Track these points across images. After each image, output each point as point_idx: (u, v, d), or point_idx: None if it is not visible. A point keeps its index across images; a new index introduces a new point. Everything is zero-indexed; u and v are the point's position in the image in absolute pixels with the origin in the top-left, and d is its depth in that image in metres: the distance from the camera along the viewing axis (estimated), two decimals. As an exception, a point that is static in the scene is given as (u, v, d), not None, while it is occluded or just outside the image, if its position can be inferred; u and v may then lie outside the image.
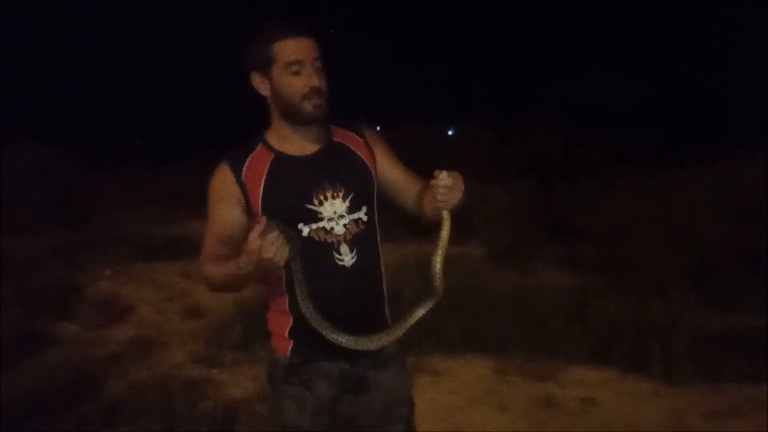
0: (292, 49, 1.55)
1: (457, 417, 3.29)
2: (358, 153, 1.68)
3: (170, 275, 6.09)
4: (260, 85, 1.61)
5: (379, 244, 1.70)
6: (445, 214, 1.55)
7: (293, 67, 1.55)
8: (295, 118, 1.60)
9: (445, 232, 1.55)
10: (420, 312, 1.56)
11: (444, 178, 1.50)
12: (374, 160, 1.70)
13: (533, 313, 4.18)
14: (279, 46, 1.55)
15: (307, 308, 1.53)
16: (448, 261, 1.54)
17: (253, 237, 1.42)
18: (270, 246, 1.42)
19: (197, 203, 2.16)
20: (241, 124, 1.69)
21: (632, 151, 9.12)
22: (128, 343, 4.41)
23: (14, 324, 4.27)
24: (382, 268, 1.71)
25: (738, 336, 3.85)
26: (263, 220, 1.45)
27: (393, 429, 1.73)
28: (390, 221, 1.59)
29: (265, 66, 1.58)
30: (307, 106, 1.57)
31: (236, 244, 1.61)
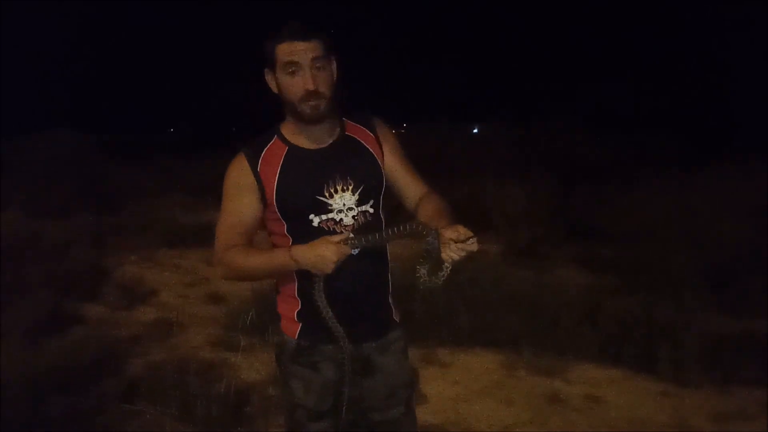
0: (289, 51, 1.58)
1: (462, 407, 3.34)
2: (369, 148, 1.73)
3: (194, 261, 6.26)
4: (270, 82, 1.68)
5: None
6: (448, 266, 1.54)
7: (289, 68, 1.60)
8: (297, 116, 1.65)
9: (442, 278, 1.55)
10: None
11: (472, 243, 1.49)
12: (383, 155, 1.75)
13: (545, 310, 4.18)
14: (279, 48, 1.60)
15: (323, 307, 1.63)
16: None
17: (335, 242, 1.53)
18: (335, 259, 1.52)
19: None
20: (271, 116, 1.76)
21: (655, 153, 9.00)
22: (150, 324, 4.56)
23: (44, 303, 4.44)
24: (388, 257, 1.78)
25: (750, 340, 3.81)
26: (348, 234, 1.57)
27: (395, 410, 1.80)
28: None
29: (272, 65, 1.64)
30: (305, 108, 1.62)
31: (251, 233, 1.69)
